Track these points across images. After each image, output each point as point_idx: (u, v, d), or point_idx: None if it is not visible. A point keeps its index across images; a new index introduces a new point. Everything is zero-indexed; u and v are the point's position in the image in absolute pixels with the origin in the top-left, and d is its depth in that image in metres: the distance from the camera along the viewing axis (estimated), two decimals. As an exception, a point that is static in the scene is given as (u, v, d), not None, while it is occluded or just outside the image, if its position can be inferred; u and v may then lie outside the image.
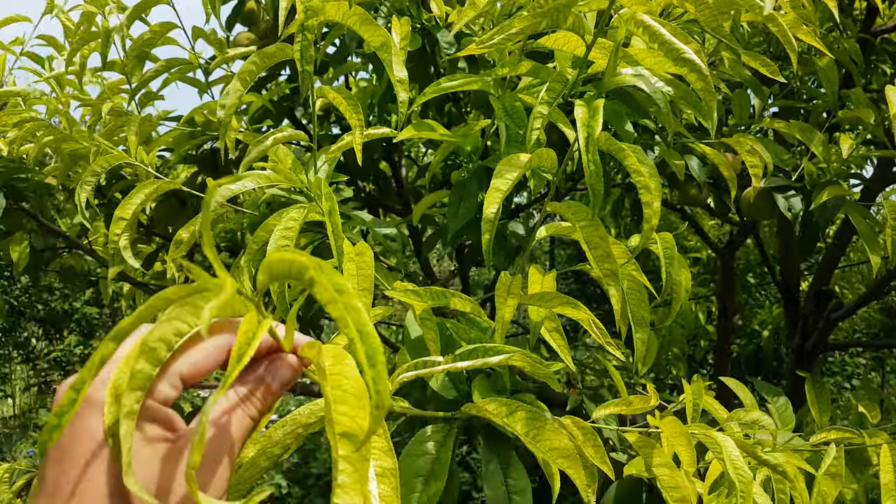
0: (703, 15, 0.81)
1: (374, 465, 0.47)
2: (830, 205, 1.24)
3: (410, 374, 0.63)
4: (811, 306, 1.96)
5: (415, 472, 0.66)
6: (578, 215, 0.75)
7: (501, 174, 0.73)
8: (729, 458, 0.77)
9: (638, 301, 0.88)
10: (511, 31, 0.76)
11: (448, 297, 0.76)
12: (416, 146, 2.00)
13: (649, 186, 0.71)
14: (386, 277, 0.90)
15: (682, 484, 0.76)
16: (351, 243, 0.78)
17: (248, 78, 0.87)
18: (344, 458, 0.35)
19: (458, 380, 0.78)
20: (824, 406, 1.14)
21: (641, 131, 1.21)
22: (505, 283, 0.80)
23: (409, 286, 0.78)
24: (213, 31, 1.41)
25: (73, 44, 1.44)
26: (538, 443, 0.62)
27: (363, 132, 0.89)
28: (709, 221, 2.95)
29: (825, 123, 1.43)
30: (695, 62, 0.72)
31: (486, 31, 1.27)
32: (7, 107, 1.64)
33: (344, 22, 0.81)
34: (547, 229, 0.87)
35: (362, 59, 1.36)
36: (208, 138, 1.36)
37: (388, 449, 0.48)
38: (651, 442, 0.80)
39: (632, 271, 0.87)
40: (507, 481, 0.72)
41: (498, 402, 0.64)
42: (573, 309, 0.75)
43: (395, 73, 0.86)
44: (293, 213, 0.82)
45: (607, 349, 0.82)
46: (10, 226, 1.66)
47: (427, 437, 0.68)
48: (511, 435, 0.72)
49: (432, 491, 0.65)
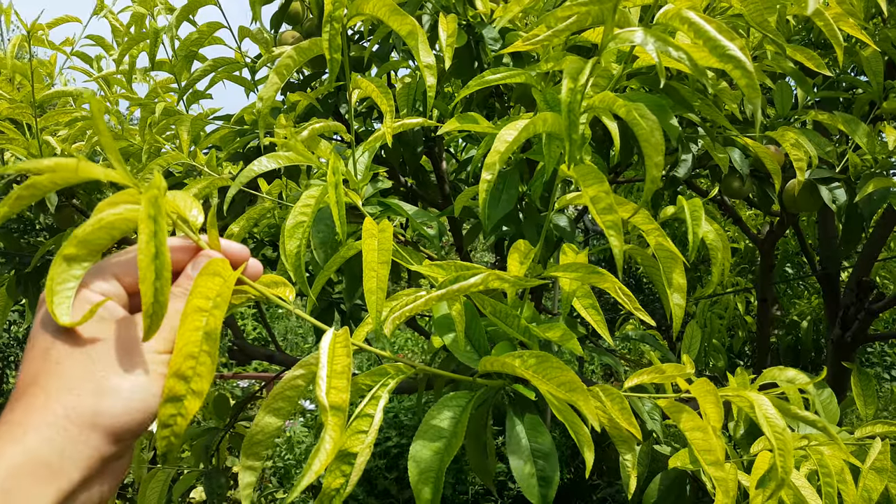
0: (748, 9, 0.81)
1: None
2: (876, 196, 1.23)
3: (409, 307, 0.65)
4: (852, 297, 1.94)
5: (437, 434, 0.67)
6: (586, 175, 0.75)
7: (502, 136, 0.73)
8: (764, 416, 0.77)
9: (671, 266, 0.87)
10: (557, 29, 0.77)
11: (471, 270, 0.77)
12: (456, 141, 2.01)
13: (650, 140, 0.70)
14: (416, 257, 0.92)
15: (714, 446, 0.76)
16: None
17: (285, 72, 0.90)
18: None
19: (483, 350, 0.79)
20: (870, 398, 1.14)
21: (686, 124, 1.21)
22: (524, 248, 0.81)
23: (435, 262, 0.79)
24: (260, 30, 1.43)
25: (122, 45, 1.48)
26: (547, 381, 0.63)
27: (393, 118, 0.91)
28: (746, 212, 2.93)
29: (869, 114, 1.42)
30: (739, 59, 0.72)
31: (531, 26, 1.28)
32: (58, 106, 1.69)
33: (373, 13, 0.83)
34: (560, 202, 0.87)
35: (404, 55, 1.37)
36: (255, 136, 1.39)
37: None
38: (681, 406, 0.80)
39: (659, 238, 0.86)
40: (532, 445, 0.72)
41: (511, 355, 0.65)
42: (599, 277, 0.76)
43: (422, 58, 0.86)
44: (311, 192, 0.85)
45: (644, 338, 0.82)
46: (62, 222, 1.72)
47: (450, 401, 0.70)
48: (535, 397, 0.73)
49: (453, 447, 0.66)
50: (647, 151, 0.70)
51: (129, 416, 0.42)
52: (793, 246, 3.40)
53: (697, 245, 0.90)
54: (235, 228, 1.05)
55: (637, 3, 0.84)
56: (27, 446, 0.39)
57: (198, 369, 0.44)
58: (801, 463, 0.90)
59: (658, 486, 1.03)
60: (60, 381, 0.41)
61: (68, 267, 0.43)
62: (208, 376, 0.44)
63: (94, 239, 0.43)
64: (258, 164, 0.90)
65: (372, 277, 0.68)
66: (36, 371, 0.42)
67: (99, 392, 0.41)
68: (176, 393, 0.43)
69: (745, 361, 3.49)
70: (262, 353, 1.90)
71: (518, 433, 0.73)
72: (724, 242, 0.98)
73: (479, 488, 3.71)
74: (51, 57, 1.81)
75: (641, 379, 0.84)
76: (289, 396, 0.56)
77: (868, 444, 0.94)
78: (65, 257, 0.43)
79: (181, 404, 0.44)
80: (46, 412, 0.40)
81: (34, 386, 0.42)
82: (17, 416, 0.41)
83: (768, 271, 2.36)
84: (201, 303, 0.45)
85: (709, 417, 0.78)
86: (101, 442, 0.41)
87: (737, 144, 1.23)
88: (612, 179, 1.55)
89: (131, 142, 1.48)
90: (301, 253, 0.82)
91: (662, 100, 0.96)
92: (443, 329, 0.79)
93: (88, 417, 0.41)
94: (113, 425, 0.41)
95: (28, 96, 1.54)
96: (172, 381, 0.43)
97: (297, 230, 0.82)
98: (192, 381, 0.44)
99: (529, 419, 0.74)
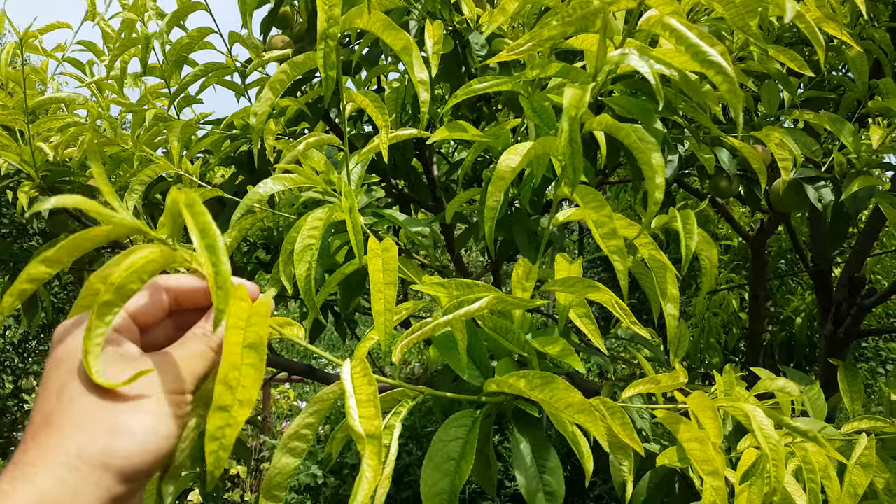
0: (730, 13, 0.82)
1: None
2: (861, 195, 1.24)
3: (416, 334, 0.65)
4: (844, 293, 1.95)
5: (447, 456, 0.68)
6: (587, 197, 0.77)
7: (504, 162, 0.74)
8: (759, 428, 0.78)
9: (664, 277, 0.89)
10: (541, 39, 0.79)
11: (473, 288, 0.78)
12: (447, 143, 2.02)
13: (651, 163, 0.71)
14: (416, 273, 0.93)
15: (713, 457, 0.76)
16: (378, 240, 0.81)
17: (279, 87, 0.91)
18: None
19: (484, 367, 0.80)
20: (857, 394, 1.15)
21: (671, 125, 1.22)
22: (524, 268, 0.82)
23: (436, 279, 0.80)
24: (250, 34, 1.44)
25: (113, 50, 1.48)
26: (554, 402, 0.63)
27: (389, 133, 0.92)
28: (739, 209, 2.94)
29: (855, 113, 1.43)
30: (721, 65, 0.73)
31: (517, 31, 1.29)
32: (50, 112, 1.70)
33: (368, 28, 0.84)
34: (557, 217, 0.88)
35: (393, 59, 1.38)
36: (246, 141, 1.40)
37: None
38: (679, 417, 0.80)
39: (651, 251, 0.88)
40: (537, 461, 0.73)
41: (516, 375, 0.66)
42: (596, 291, 0.77)
43: (417, 74, 0.87)
44: (318, 213, 0.85)
45: (635, 338, 0.83)
46: (55, 227, 1.72)
47: (456, 421, 0.70)
48: (539, 415, 0.74)
49: (464, 471, 0.67)
50: (647, 174, 0.72)
51: (141, 456, 0.42)
52: (786, 243, 3.42)
53: (690, 258, 0.91)
54: (227, 240, 1.05)
55: (622, 8, 0.85)
56: (40, 487, 0.39)
57: (242, 380, 0.44)
58: (787, 460, 0.91)
59: (647, 484, 1.04)
60: (73, 420, 0.42)
61: (103, 315, 0.43)
62: (253, 388, 0.44)
63: (126, 284, 0.43)
64: (264, 187, 0.90)
65: (380, 300, 0.69)
66: (50, 409, 0.43)
67: (111, 432, 0.42)
68: (224, 402, 0.43)
69: (739, 358, 3.50)
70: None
71: (523, 451, 0.74)
72: (714, 255, 0.99)
73: (475, 487, 3.73)
74: (43, 63, 1.81)
75: (637, 389, 0.85)
76: (303, 435, 0.57)
77: (855, 439, 0.95)
78: (102, 305, 0.43)
79: (229, 414, 0.43)
80: (59, 452, 0.40)
81: (48, 426, 0.42)
82: (30, 455, 0.41)
83: (761, 268, 2.38)
84: (236, 321, 0.46)
85: (708, 433, 0.79)
86: (113, 482, 0.41)
87: (724, 144, 1.24)
88: (601, 181, 1.56)
89: (123, 146, 1.48)
90: (311, 276, 0.83)
91: (648, 103, 0.98)
92: (444, 348, 0.79)
93: (100, 457, 0.41)
94: (124, 466, 0.41)
95: (20, 103, 1.55)
96: (220, 389, 0.43)
97: (306, 253, 0.83)
98: (237, 390, 0.44)
99: (534, 436, 0.75)
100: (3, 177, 1.70)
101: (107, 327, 0.43)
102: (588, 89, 0.72)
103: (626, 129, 0.72)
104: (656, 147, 0.72)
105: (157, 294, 0.49)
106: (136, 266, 0.44)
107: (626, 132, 0.72)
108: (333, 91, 0.84)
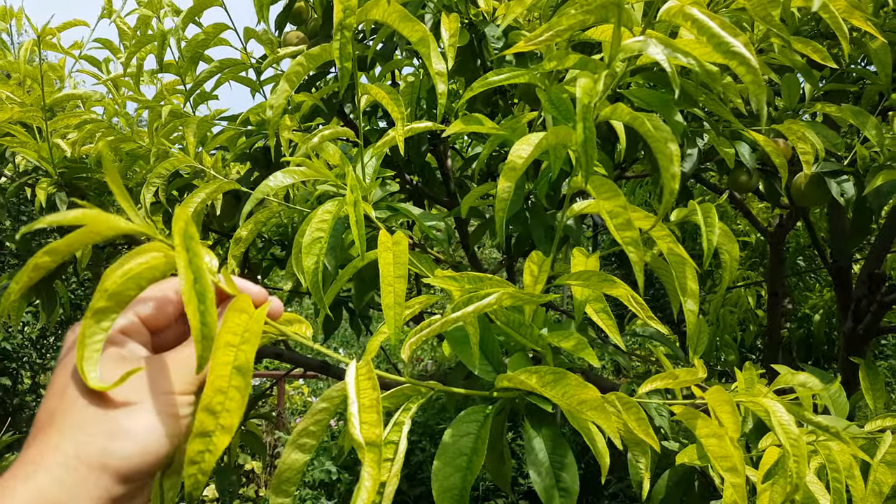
0: (751, 4, 0.81)
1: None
2: (884, 189, 1.22)
3: (426, 330, 0.64)
4: (864, 289, 1.93)
5: (458, 451, 0.68)
6: (601, 188, 0.75)
7: (516, 152, 0.72)
8: (779, 423, 0.76)
9: (683, 272, 0.87)
10: (559, 29, 0.77)
11: (486, 282, 0.77)
12: (461, 138, 2.01)
13: (666, 151, 0.70)
14: (429, 267, 0.92)
15: (731, 453, 0.75)
16: (390, 233, 0.80)
17: (295, 79, 0.90)
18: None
19: (497, 362, 0.79)
20: (878, 392, 1.13)
21: (691, 119, 1.21)
22: (537, 261, 0.81)
23: (448, 273, 0.79)
24: (265, 30, 1.44)
25: (129, 47, 1.48)
26: (566, 398, 0.63)
27: (405, 126, 0.92)
28: (757, 205, 2.91)
29: (878, 106, 1.40)
30: (744, 55, 0.72)
31: (533, 24, 1.28)
32: (67, 109, 1.71)
33: (384, 20, 0.83)
34: (573, 208, 0.87)
35: (408, 53, 1.38)
36: (261, 137, 1.40)
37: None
38: (696, 412, 0.79)
39: (670, 244, 0.86)
40: (551, 458, 0.72)
41: (527, 371, 0.65)
42: (612, 286, 0.76)
43: (434, 65, 0.86)
44: (328, 206, 0.85)
45: (652, 334, 0.82)
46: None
47: (468, 416, 0.70)
48: (552, 410, 0.73)
49: (475, 466, 0.66)
50: (662, 164, 0.70)
51: (141, 457, 0.42)
52: (804, 239, 3.39)
53: (712, 253, 0.90)
54: (244, 233, 1.05)
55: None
56: (38, 485, 0.39)
57: (227, 404, 0.44)
58: (810, 458, 0.90)
59: (666, 483, 1.03)
60: (73, 421, 0.42)
61: (98, 321, 0.43)
62: (238, 412, 0.44)
63: (123, 290, 0.43)
64: (274, 180, 0.90)
65: (389, 293, 0.68)
66: (53, 409, 0.43)
67: (110, 434, 0.42)
68: (206, 428, 0.43)
69: (756, 355, 3.47)
70: (271, 350, 1.91)
71: (536, 447, 0.73)
72: (735, 249, 0.97)
73: (489, 484, 3.72)
74: (60, 60, 1.82)
75: (655, 385, 0.84)
76: (313, 432, 0.56)
77: (878, 437, 0.94)
78: (95, 311, 0.43)
79: (210, 440, 0.43)
80: (58, 452, 0.41)
81: (50, 426, 0.42)
82: (31, 454, 0.41)
83: (779, 265, 2.35)
84: (230, 338, 0.45)
85: (726, 427, 0.77)
86: (111, 483, 0.41)
87: (744, 138, 1.22)
88: (618, 175, 1.54)
89: (140, 143, 1.49)
90: (319, 269, 0.82)
91: (667, 95, 0.96)
92: (456, 343, 0.79)
93: (98, 458, 0.41)
94: (123, 467, 0.42)
95: (38, 100, 1.56)
96: (202, 416, 0.43)
97: (315, 246, 0.83)
98: (221, 416, 0.44)
99: (547, 432, 0.74)
100: (22, 173, 1.71)
101: (104, 333, 0.43)
102: (601, 77, 0.70)
103: (642, 117, 0.71)
104: (672, 136, 0.71)
105: (167, 296, 0.49)
106: (133, 273, 0.43)
107: (641, 121, 0.71)
108: (348, 85, 0.83)
